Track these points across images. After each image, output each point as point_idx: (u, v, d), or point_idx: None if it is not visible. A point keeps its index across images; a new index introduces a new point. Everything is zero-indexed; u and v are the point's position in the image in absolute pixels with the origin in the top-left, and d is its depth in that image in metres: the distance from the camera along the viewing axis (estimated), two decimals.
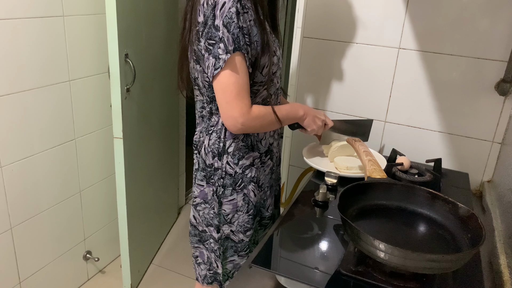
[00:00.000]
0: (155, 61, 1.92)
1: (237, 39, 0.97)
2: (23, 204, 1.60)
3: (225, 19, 0.96)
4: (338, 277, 0.87)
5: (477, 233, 0.85)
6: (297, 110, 1.20)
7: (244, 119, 1.03)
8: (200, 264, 1.29)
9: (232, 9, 0.96)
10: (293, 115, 1.19)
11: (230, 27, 0.96)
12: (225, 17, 0.96)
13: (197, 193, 1.20)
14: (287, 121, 1.19)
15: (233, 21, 0.96)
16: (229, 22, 0.96)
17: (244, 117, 1.03)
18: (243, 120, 1.03)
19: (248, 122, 1.04)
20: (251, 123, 1.05)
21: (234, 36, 0.97)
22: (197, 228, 1.24)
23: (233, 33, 0.97)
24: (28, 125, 1.55)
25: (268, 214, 1.29)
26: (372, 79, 1.50)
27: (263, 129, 1.12)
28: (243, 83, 1.02)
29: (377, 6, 1.42)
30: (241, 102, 1.02)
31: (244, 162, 1.15)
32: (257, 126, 1.08)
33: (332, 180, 1.23)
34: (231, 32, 0.97)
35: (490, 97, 1.36)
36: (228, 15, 0.96)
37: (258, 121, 1.07)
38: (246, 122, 1.04)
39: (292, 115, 1.19)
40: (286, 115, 1.16)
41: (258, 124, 1.07)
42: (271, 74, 1.11)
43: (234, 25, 0.96)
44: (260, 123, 1.08)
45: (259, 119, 1.07)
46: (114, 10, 1.48)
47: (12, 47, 1.43)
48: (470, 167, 1.44)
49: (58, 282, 1.85)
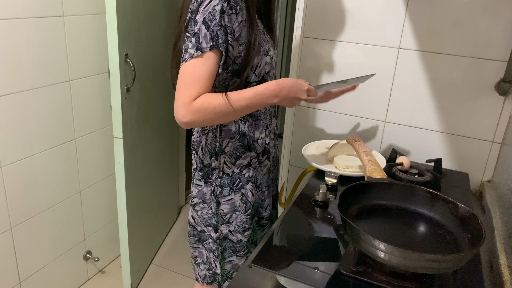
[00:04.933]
0: (155, 61, 1.92)
1: (216, 36, 0.96)
2: (23, 204, 1.60)
3: (207, 16, 0.95)
4: (338, 277, 0.87)
5: (477, 233, 0.85)
6: (266, 98, 1.02)
7: (185, 110, 0.96)
8: (200, 264, 1.29)
9: (217, 7, 0.95)
10: (259, 103, 1.02)
11: (210, 24, 0.95)
12: (207, 14, 0.95)
13: (195, 193, 1.20)
14: (249, 111, 1.04)
15: (214, 19, 0.95)
16: (211, 19, 0.95)
17: (185, 109, 0.96)
18: (184, 111, 0.96)
19: (189, 115, 0.96)
20: (192, 116, 0.96)
21: (213, 33, 0.95)
22: (196, 228, 1.24)
23: (212, 30, 0.95)
24: (28, 125, 1.55)
25: (266, 214, 1.29)
26: (372, 79, 1.49)
27: (215, 122, 1.02)
28: (199, 76, 0.96)
29: (377, 6, 1.42)
30: (187, 92, 0.96)
31: (241, 162, 1.15)
32: (201, 120, 0.98)
33: (332, 180, 1.23)
34: (210, 29, 0.95)
35: (490, 97, 1.36)
36: (211, 12, 0.95)
37: (201, 114, 0.97)
38: (187, 114, 0.96)
39: (257, 103, 1.02)
40: (245, 106, 1.01)
41: (201, 117, 0.97)
42: (264, 73, 1.11)
43: (215, 22, 0.95)
44: (204, 117, 0.98)
45: (202, 112, 0.97)
46: (114, 10, 1.48)
47: (12, 47, 1.43)
48: (470, 167, 1.44)
49: (58, 282, 1.85)
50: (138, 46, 1.72)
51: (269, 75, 1.14)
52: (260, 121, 1.17)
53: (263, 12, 1.17)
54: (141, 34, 1.76)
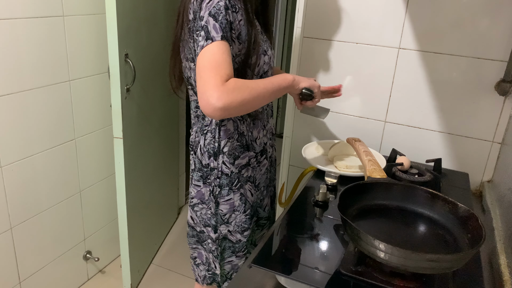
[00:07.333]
0: (155, 61, 1.92)
1: (225, 28, 0.95)
2: (23, 204, 1.60)
3: (213, 10, 0.95)
4: (338, 277, 0.87)
5: (477, 233, 0.85)
6: (284, 76, 1.08)
7: (220, 92, 0.88)
8: (199, 265, 1.29)
9: (221, 3, 0.95)
10: (280, 80, 1.05)
11: (218, 16, 0.95)
12: (213, 8, 0.95)
13: (194, 194, 1.20)
14: (274, 87, 1.03)
15: (221, 12, 0.95)
16: (217, 12, 0.95)
17: (219, 90, 0.89)
18: (218, 93, 0.88)
19: (225, 96, 0.89)
20: (228, 97, 0.89)
21: (222, 25, 0.94)
22: (195, 229, 1.24)
23: (221, 22, 0.95)
24: (28, 125, 1.55)
25: (265, 214, 1.29)
26: (372, 79, 1.49)
27: (249, 104, 0.96)
28: (220, 60, 0.92)
29: (377, 6, 1.42)
30: (215, 74, 0.90)
31: (240, 162, 1.15)
32: (238, 100, 0.91)
33: (332, 180, 1.23)
34: (219, 21, 0.94)
35: (490, 97, 1.36)
36: (216, 6, 0.95)
37: (237, 93, 0.91)
38: (222, 96, 0.88)
39: (279, 80, 1.05)
40: (270, 81, 1.02)
41: (238, 97, 0.91)
42: (263, 73, 1.11)
43: (222, 15, 0.95)
44: (241, 96, 0.92)
45: (237, 92, 0.91)
46: (114, 10, 1.48)
47: (12, 47, 1.43)
48: (470, 167, 1.44)
49: (58, 282, 1.85)
50: (138, 46, 1.73)
51: (267, 74, 1.14)
52: (258, 121, 1.17)
53: (261, 12, 1.18)
54: (141, 34, 1.76)
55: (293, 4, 3.46)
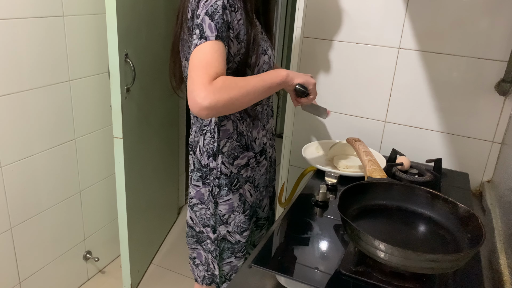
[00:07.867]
0: (155, 61, 1.92)
1: (220, 28, 0.94)
2: (23, 204, 1.60)
3: (210, 9, 0.94)
4: (338, 277, 0.87)
5: (477, 233, 0.85)
6: (277, 72, 1.05)
7: (206, 91, 0.88)
8: (198, 265, 1.29)
9: (219, 2, 0.95)
10: (273, 77, 1.04)
11: (214, 16, 0.94)
12: (210, 7, 0.95)
13: (193, 194, 1.19)
14: (266, 84, 1.01)
15: (218, 12, 0.94)
16: (214, 12, 0.94)
17: (206, 89, 0.88)
18: (205, 92, 0.87)
19: (211, 95, 0.88)
20: (215, 96, 0.88)
21: (218, 25, 0.94)
22: (194, 229, 1.24)
23: (217, 21, 0.94)
24: (28, 125, 1.55)
25: (264, 215, 1.29)
26: (372, 79, 1.49)
27: (237, 102, 0.94)
28: (211, 58, 0.91)
29: (377, 6, 1.42)
30: (202, 73, 0.89)
31: (239, 162, 1.15)
32: (225, 98, 0.90)
33: (332, 180, 1.23)
34: (214, 20, 0.94)
35: (490, 97, 1.36)
36: (213, 6, 0.95)
37: (224, 92, 0.90)
38: (208, 95, 0.87)
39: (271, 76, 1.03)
40: (261, 78, 1.01)
41: (225, 95, 0.90)
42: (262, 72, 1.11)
43: (219, 15, 0.94)
44: (228, 94, 0.90)
45: (224, 91, 0.90)
46: (114, 10, 1.48)
47: (12, 47, 1.43)
48: (470, 167, 1.44)
49: (58, 282, 1.85)
50: (138, 46, 1.72)
51: None
52: (258, 121, 1.17)
53: (262, 12, 1.17)
54: (141, 34, 1.76)
55: (293, 4, 3.46)
